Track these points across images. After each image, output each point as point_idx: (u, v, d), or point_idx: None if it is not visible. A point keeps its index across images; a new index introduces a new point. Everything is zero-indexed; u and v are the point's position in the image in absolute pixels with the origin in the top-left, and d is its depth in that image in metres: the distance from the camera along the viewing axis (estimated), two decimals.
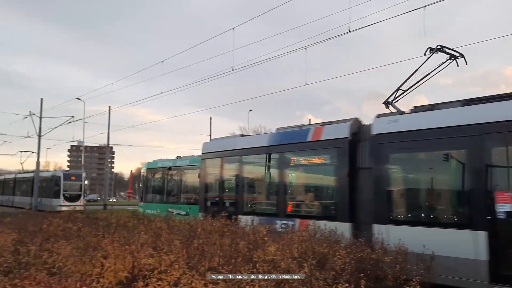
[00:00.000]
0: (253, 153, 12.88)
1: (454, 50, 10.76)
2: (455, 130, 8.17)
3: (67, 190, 36.76)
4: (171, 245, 6.15)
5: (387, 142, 9.23)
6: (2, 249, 6.50)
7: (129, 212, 15.20)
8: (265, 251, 6.63)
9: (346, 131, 10.09)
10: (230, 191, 13.89)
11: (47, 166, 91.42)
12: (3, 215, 14.51)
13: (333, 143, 10.34)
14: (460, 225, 8.10)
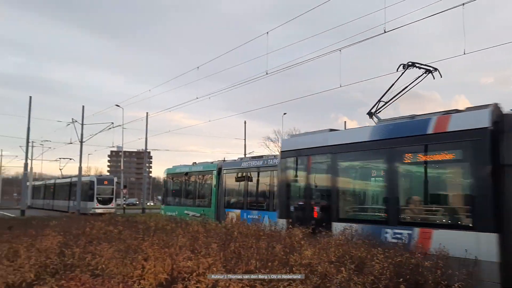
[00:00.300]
0: (351, 150, 10.76)
1: (426, 65, 11.89)
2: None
3: (100, 193, 39.20)
4: (209, 248, 6.24)
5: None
6: (49, 251, 6.79)
7: (166, 216, 15.50)
8: (301, 254, 6.63)
9: (486, 119, 8.21)
10: (320, 194, 11.84)
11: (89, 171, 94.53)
12: (49, 219, 15.17)
13: (467, 134, 8.46)
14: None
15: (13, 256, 6.97)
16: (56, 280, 5.37)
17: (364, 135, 10.61)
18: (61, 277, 5.55)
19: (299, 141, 12.76)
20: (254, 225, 9.87)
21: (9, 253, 7.17)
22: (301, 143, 12.51)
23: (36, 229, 10.74)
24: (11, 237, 8.65)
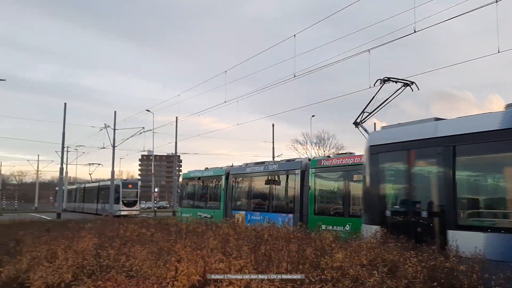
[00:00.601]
0: (479, 140, 8.20)
1: (401, 79, 12.76)
2: None
3: (126, 196, 41.54)
4: (240, 250, 6.29)
5: None
6: (85, 252, 7.00)
7: (197, 218, 15.68)
8: (332, 257, 6.59)
9: None
10: (429, 195, 9.49)
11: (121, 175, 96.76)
12: (84, 221, 15.60)
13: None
14: None
15: (52, 257, 7.24)
16: (92, 281, 5.54)
17: (497, 122, 8.40)
18: (97, 278, 5.72)
19: (394, 134, 10.78)
20: (284, 228, 9.85)
21: (48, 254, 7.45)
22: (396, 136, 10.61)
23: (72, 231, 11.10)
24: (49, 239, 8.95)
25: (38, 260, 7.05)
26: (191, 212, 23.75)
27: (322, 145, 79.29)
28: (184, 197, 26.65)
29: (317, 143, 78.73)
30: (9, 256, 8.74)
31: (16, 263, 7.29)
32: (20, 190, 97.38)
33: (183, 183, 27.20)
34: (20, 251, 8.97)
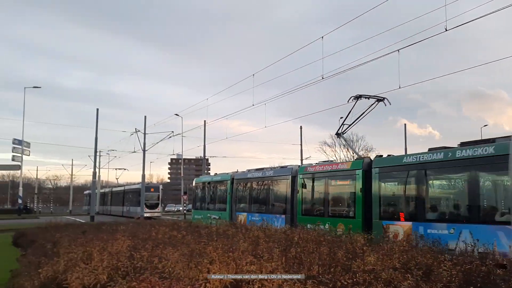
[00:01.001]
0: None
1: (373, 96, 14.89)
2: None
3: (148, 200, 42.81)
4: (270, 253, 6.30)
5: None
6: (120, 254, 7.17)
7: (226, 221, 15.78)
8: (364, 260, 6.52)
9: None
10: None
11: (151, 178, 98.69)
12: (117, 224, 15.99)
13: None
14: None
15: (87, 258, 7.45)
16: (127, 282, 5.67)
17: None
18: (131, 279, 5.86)
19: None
20: (314, 231, 9.80)
21: (84, 256, 7.67)
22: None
23: (106, 233, 11.39)
24: (85, 241, 9.21)
25: (74, 262, 7.26)
26: (202, 214, 25.91)
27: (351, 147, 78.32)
28: (197, 200, 28.61)
29: (346, 145, 77.90)
30: (46, 258, 9.06)
31: (54, 264, 7.53)
32: (55, 194, 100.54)
33: (195, 187, 29.14)
34: (57, 253, 9.27)
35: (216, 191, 25.67)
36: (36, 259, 9.52)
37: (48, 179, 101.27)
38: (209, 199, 26.58)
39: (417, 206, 12.81)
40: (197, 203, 28.38)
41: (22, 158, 48.29)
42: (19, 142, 47.80)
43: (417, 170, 12.85)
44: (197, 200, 28.66)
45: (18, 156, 47.87)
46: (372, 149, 76.63)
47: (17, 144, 47.66)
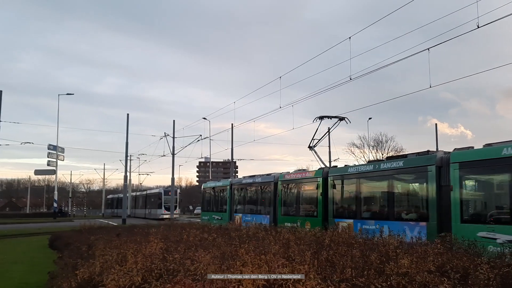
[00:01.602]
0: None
1: (334, 116, 18.49)
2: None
3: (167, 202, 47.43)
4: (302, 255, 6.28)
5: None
6: (153, 256, 7.30)
7: (256, 224, 15.81)
8: (398, 263, 6.40)
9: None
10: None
11: (180, 181, 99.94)
12: (148, 226, 16.28)
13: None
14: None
15: (122, 260, 7.61)
16: (161, 284, 5.76)
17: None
18: (165, 281, 5.95)
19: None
20: (345, 233, 9.70)
21: (118, 258, 7.84)
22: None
23: (138, 236, 11.62)
24: (119, 244, 9.42)
25: (109, 264, 7.43)
26: (208, 215, 29.79)
27: (380, 148, 77.16)
28: (204, 203, 32.10)
29: (375, 146, 76.79)
30: (82, 260, 9.32)
31: (90, 266, 7.73)
32: (88, 197, 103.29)
33: (203, 192, 32.36)
34: (92, 255, 9.52)
35: (219, 195, 29.08)
36: (73, 261, 9.81)
37: (81, 183, 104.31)
38: (213, 202, 30.07)
39: (355, 208, 16.36)
40: (205, 206, 31.86)
41: (57, 163, 49.83)
42: (54, 148, 49.37)
43: (355, 178, 16.38)
44: (204, 203, 32.03)
45: (53, 161, 49.45)
46: (402, 150, 75.30)
47: (52, 150, 49.25)
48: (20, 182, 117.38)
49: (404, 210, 14.36)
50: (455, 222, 12.01)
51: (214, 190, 30.16)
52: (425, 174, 13.28)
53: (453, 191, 12.26)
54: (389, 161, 15.07)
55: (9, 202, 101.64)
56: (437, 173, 12.92)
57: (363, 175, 15.90)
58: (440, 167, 12.99)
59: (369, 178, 15.88)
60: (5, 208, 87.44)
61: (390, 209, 14.67)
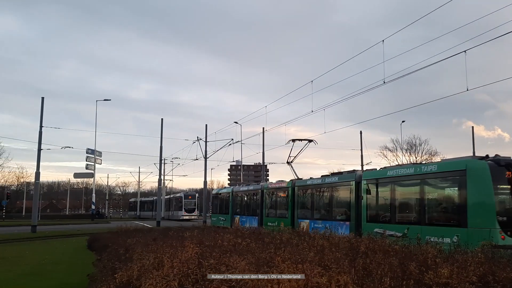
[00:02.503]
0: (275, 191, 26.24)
1: (304, 139, 25.18)
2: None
3: (187, 205, 55.61)
4: (338, 263, 6.20)
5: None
6: (189, 261, 7.38)
7: (289, 229, 15.76)
8: (437, 273, 6.22)
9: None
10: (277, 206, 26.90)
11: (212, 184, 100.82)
12: (182, 230, 16.50)
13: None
14: None
15: (159, 265, 7.74)
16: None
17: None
18: (201, 287, 6.01)
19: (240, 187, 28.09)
20: (381, 240, 9.51)
21: (155, 262, 7.98)
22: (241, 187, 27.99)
23: (173, 239, 11.79)
24: (156, 248, 9.59)
25: (147, 268, 7.57)
26: (216, 217, 35.73)
27: (414, 151, 75.22)
28: (213, 207, 38.62)
29: (408, 150, 74.93)
30: (120, 263, 9.55)
31: (128, 270, 7.90)
32: (124, 200, 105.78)
33: (213, 197, 39.50)
34: (130, 258, 9.73)
35: (223, 200, 34.49)
36: (111, 264, 10.07)
37: (117, 186, 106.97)
38: (219, 206, 35.56)
39: (310, 212, 22.13)
40: (214, 209, 38.29)
41: (95, 167, 51.31)
42: (92, 152, 50.89)
43: (310, 189, 22.29)
44: (213, 206, 38.61)
45: (91, 165, 50.96)
46: (436, 153, 73.20)
47: (90, 154, 50.78)
48: (60, 184, 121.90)
49: (338, 214, 20.08)
50: (364, 222, 17.47)
51: (220, 196, 35.80)
52: (349, 187, 18.98)
53: (363, 200, 17.66)
54: (330, 176, 21.04)
55: (50, 203, 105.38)
56: (356, 187, 18.37)
57: (315, 186, 21.74)
58: (358, 183, 18.27)
59: (319, 189, 21.61)
60: (46, 210, 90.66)
61: (329, 212, 20.64)
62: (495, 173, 12.74)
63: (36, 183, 34.63)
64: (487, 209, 12.59)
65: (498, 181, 12.81)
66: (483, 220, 12.53)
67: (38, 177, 34.01)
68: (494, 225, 12.18)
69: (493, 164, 12.90)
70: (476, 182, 12.97)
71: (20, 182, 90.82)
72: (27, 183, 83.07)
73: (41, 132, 33.61)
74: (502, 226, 12.14)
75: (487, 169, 12.77)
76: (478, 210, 12.78)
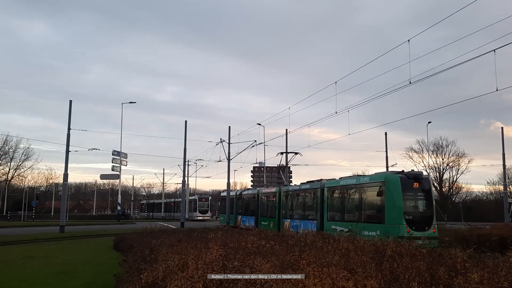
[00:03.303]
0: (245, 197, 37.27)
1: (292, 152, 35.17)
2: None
3: (201, 207, 61.72)
4: (364, 267, 6.10)
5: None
6: (214, 263, 7.40)
7: (313, 231, 15.65)
8: (467, 278, 6.04)
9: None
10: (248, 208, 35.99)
11: (235, 186, 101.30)
12: (206, 231, 16.61)
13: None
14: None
15: (183, 266, 7.79)
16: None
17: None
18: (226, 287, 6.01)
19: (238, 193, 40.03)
20: (407, 244, 9.32)
21: (180, 263, 8.03)
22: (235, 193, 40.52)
23: (197, 241, 11.85)
24: (180, 249, 9.66)
25: (172, 269, 7.63)
26: (223, 216, 41.84)
27: (440, 152, 73.61)
28: (221, 208, 46.59)
29: (435, 151, 73.39)
30: (145, 263, 9.66)
31: (153, 271, 7.99)
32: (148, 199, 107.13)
33: (219, 200, 48.09)
34: (155, 259, 9.84)
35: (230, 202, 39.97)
36: (137, 264, 10.20)
37: (142, 187, 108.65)
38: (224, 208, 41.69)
39: (291, 212, 27.41)
40: (221, 209, 46.30)
41: (121, 168, 52.21)
42: (117, 154, 51.81)
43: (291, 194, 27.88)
44: (220, 207, 46.94)
45: (117, 166, 51.90)
46: (464, 155, 71.41)
47: (116, 155, 51.70)
48: (87, 185, 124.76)
49: (308, 214, 25.04)
50: (325, 221, 22.25)
51: (225, 199, 41.66)
52: (316, 193, 23.83)
53: (325, 203, 22.63)
54: (305, 183, 26.42)
55: (77, 204, 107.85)
56: (321, 193, 23.13)
57: (294, 192, 27.43)
58: (322, 189, 23.05)
59: (297, 194, 27.35)
60: (73, 210, 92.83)
61: (304, 213, 25.83)
62: (405, 184, 17.50)
63: (64, 184, 35.45)
64: (398, 210, 17.26)
65: (407, 190, 17.54)
66: (395, 218, 17.22)
67: (66, 178, 34.82)
68: (402, 222, 16.92)
69: (404, 177, 17.80)
70: (391, 190, 17.61)
71: (49, 183, 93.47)
72: (56, 184, 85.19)
73: (69, 135, 34.50)
74: (407, 223, 16.97)
75: (398, 181, 17.55)
76: (392, 211, 17.41)
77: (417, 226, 16.94)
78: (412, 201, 17.89)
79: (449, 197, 76.36)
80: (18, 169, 74.89)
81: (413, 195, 17.85)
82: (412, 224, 16.88)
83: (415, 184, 17.76)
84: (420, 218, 17.59)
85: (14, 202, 75.33)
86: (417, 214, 17.80)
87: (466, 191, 77.36)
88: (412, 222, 16.97)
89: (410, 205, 17.77)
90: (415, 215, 17.52)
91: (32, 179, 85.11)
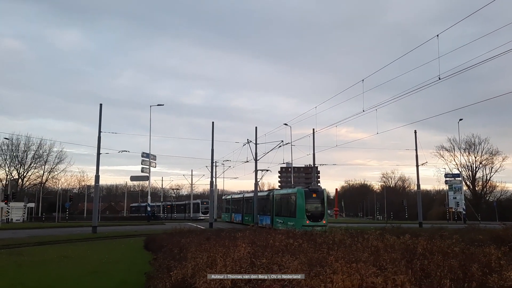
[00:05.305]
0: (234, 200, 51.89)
1: (264, 169, 44.18)
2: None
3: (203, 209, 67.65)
4: (394, 264, 6.01)
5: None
6: (242, 261, 7.46)
7: (342, 230, 15.47)
8: (502, 275, 5.87)
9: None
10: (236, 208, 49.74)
11: (262, 186, 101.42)
12: (234, 231, 16.69)
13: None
14: None
15: (212, 264, 7.88)
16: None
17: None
18: (254, 286, 6.05)
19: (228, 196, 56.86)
20: (439, 241, 9.11)
21: (208, 261, 8.13)
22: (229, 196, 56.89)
23: (225, 240, 11.95)
24: (209, 247, 9.77)
25: (200, 266, 7.73)
26: (223, 215, 53.69)
27: (473, 150, 71.49)
28: (223, 208, 58.14)
29: (467, 149, 71.36)
30: (175, 261, 9.80)
31: (183, 268, 8.11)
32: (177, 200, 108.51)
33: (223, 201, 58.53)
34: (184, 258, 9.97)
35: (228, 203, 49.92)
36: (167, 262, 10.36)
37: (171, 188, 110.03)
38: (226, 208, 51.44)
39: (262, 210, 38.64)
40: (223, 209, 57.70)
41: (150, 170, 53.07)
42: (147, 156, 52.66)
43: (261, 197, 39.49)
44: (222, 208, 58.16)
45: (146, 168, 52.73)
46: (497, 152, 69.13)
47: (145, 157, 52.55)
48: (118, 187, 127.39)
49: (267, 211, 36.46)
50: (274, 215, 35.17)
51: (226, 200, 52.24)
52: (270, 197, 36.80)
53: (274, 204, 35.94)
54: (269, 190, 38.19)
55: (108, 205, 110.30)
56: (272, 197, 36.24)
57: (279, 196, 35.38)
58: (273, 195, 36.86)
59: (265, 198, 38.19)
60: (105, 211, 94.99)
61: (265, 210, 37.13)
62: (307, 194, 29.86)
63: (96, 186, 36.30)
64: (302, 210, 29.33)
65: (308, 198, 29.70)
66: (300, 215, 29.32)
67: (97, 180, 35.64)
68: (304, 217, 28.94)
69: (307, 190, 30.49)
70: (299, 198, 29.81)
71: (81, 185, 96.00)
72: (88, 186, 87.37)
73: (99, 137, 35.24)
74: (308, 217, 28.94)
75: (303, 193, 29.92)
76: (299, 210, 29.57)
77: (313, 219, 28.97)
78: (311, 205, 29.74)
79: (483, 196, 74.13)
80: (52, 172, 77.40)
81: (312, 201, 29.81)
82: (310, 218, 29.10)
83: (314, 194, 30.19)
84: (315, 214, 29.51)
85: (49, 204, 77.74)
86: (314, 212, 29.65)
87: (501, 189, 75.04)
88: (310, 217, 29.19)
89: (309, 207, 29.67)
90: (313, 213, 29.47)
91: (65, 181, 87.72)
